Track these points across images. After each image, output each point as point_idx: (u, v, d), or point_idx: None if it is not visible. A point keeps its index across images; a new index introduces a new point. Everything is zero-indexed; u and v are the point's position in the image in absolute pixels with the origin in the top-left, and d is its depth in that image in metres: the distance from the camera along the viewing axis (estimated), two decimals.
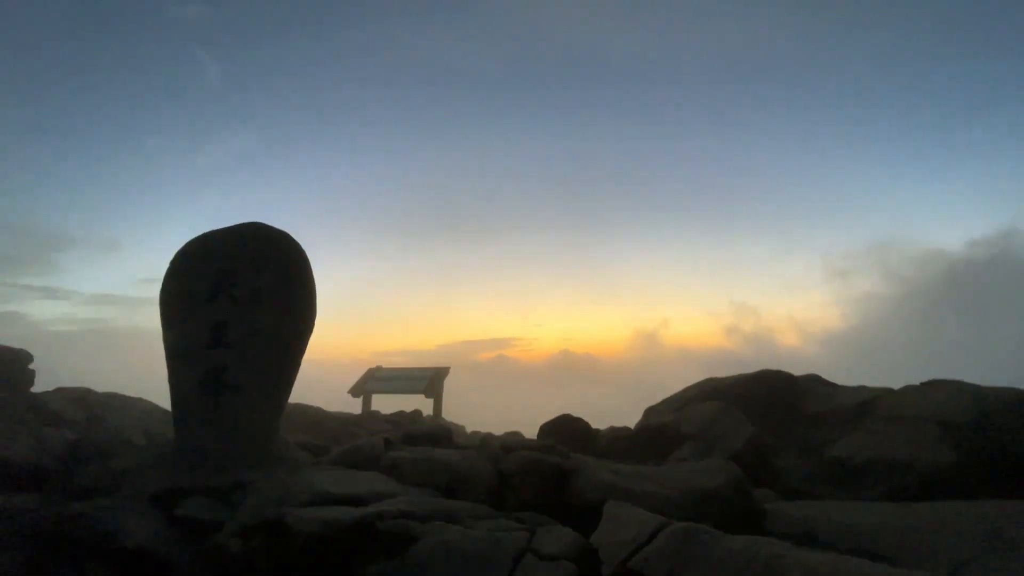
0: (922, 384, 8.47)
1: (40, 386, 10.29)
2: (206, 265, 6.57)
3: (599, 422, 11.69)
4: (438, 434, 7.64)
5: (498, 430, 15.09)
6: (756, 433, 8.00)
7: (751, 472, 6.73)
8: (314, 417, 11.91)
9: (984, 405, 7.37)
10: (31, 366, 10.60)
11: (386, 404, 16.01)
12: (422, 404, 16.01)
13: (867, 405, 8.57)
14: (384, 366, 17.27)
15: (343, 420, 12.30)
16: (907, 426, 7.52)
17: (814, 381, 10.17)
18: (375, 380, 16.20)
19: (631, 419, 11.17)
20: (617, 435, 9.97)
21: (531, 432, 12.73)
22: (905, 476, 6.91)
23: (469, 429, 16.75)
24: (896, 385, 8.81)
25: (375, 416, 14.47)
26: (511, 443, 6.70)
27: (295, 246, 6.97)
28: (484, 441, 8.11)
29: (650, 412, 10.55)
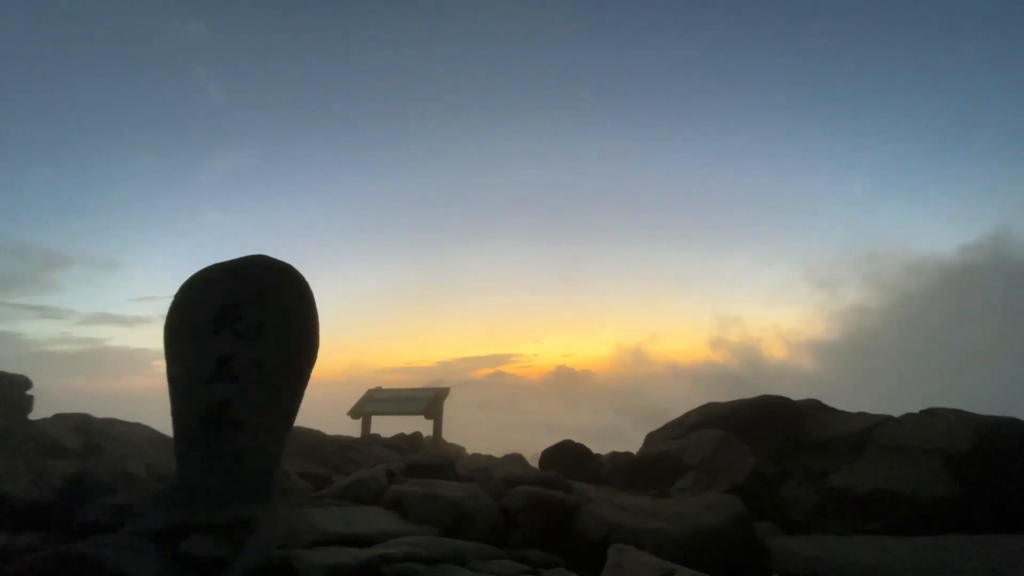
0: (922, 412, 8.47)
1: (37, 406, 10.20)
2: (210, 299, 6.58)
3: (596, 439, 11.68)
4: (441, 465, 7.61)
5: (498, 451, 15.05)
6: (758, 465, 8.00)
7: (754, 505, 6.73)
8: (313, 441, 11.84)
9: (987, 436, 7.36)
10: (29, 392, 10.50)
11: (386, 426, 15.92)
12: (422, 425, 15.91)
13: (868, 433, 8.56)
14: (383, 386, 17.17)
15: (342, 444, 12.23)
16: (909, 457, 7.52)
17: (815, 407, 10.17)
18: (374, 401, 16.10)
19: (627, 435, 11.14)
20: (619, 461, 9.96)
21: (530, 451, 12.69)
22: (908, 508, 6.90)
23: (469, 451, 16.67)
24: (892, 400, 8.79)
25: (374, 439, 14.39)
26: (514, 476, 6.69)
27: (298, 278, 6.98)
28: (487, 471, 8.09)
29: (651, 439, 10.54)
